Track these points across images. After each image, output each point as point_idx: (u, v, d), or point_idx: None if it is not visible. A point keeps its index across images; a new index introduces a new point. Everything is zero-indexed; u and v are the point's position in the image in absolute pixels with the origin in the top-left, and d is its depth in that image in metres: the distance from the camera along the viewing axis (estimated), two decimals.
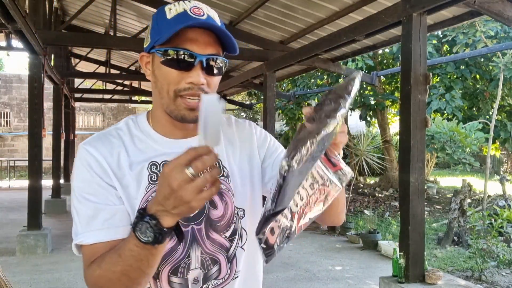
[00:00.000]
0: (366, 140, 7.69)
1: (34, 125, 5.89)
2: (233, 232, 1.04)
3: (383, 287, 3.90)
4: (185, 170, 0.74)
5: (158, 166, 1.00)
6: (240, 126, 1.16)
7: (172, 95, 0.96)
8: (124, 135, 1.02)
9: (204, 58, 0.94)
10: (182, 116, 0.97)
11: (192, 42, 0.94)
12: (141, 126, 1.04)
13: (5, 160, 14.82)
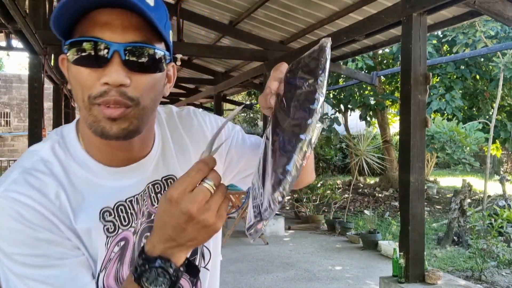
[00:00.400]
0: (366, 140, 7.69)
1: (34, 125, 5.89)
2: (193, 252, 0.88)
3: (383, 287, 3.90)
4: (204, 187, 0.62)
5: (113, 212, 0.78)
6: (187, 122, 0.93)
7: (87, 104, 0.71)
8: (55, 168, 0.76)
9: (121, 47, 0.69)
10: (101, 130, 0.71)
11: (103, 27, 0.69)
12: (73, 152, 0.78)
13: (5, 160, 14.82)
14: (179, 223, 0.62)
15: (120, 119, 0.71)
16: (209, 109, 15.05)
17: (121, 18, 0.69)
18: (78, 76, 0.71)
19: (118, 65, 0.69)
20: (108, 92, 0.69)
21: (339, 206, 8.61)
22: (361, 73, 7.80)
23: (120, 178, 0.80)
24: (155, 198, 0.84)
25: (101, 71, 0.69)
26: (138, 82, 0.71)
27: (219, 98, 10.37)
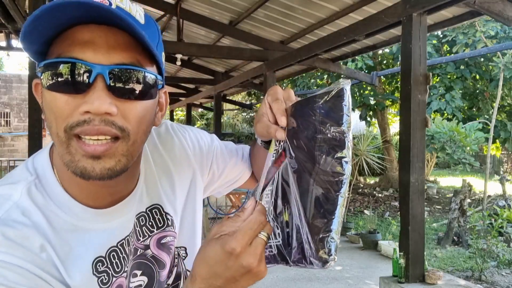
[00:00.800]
0: (366, 140, 7.69)
1: (34, 125, 5.88)
2: (177, 277, 0.83)
3: (383, 287, 3.90)
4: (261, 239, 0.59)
5: (105, 261, 0.69)
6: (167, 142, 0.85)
7: (63, 138, 0.60)
8: (34, 217, 0.64)
9: (106, 70, 0.58)
10: (81, 171, 0.60)
11: (84, 46, 0.58)
12: (52, 193, 0.67)
13: (5, 160, 14.82)
14: (234, 276, 0.58)
15: (105, 157, 0.60)
16: (209, 109, 15.05)
17: (105, 36, 0.59)
18: (52, 104, 0.59)
19: (101, 91, 0.58)
20: (90, 121, 0.58)
21: None
22: (361, 73, 7.80)
23: (108, 219, 0.70)
24: (140, 232, 0.76)
25: (80, 98, 0.58)
26: (126, 111, 0.61)
27: (219, 98, 10.37)
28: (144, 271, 0.76)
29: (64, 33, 0.59)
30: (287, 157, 0.68)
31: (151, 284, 0.77)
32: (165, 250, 0.79)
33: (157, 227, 0.79)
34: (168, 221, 0.80)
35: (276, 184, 0.69)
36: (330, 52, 5.99)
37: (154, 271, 0.77)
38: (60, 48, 0.59)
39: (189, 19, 6.55)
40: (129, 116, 0.61)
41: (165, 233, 0.80)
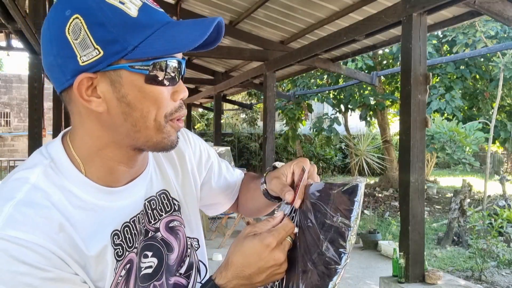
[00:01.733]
0: (366, 140, 7.70)
1: (34, 125, 5.89)
2: (189, 267, 0.88)
3: (383, 287, 3.90)
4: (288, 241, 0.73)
5: (121, 234, 0.75)
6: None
7: (162, 122, 0.71)
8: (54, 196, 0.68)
9: (184, 63, 0.73)
10: (171, 143, 0.73)
11: None
12: (69, 175, 0.72)
13: (5, 160, 14.82)
14: (264, 267, 0.69)
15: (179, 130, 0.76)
16: (209, 109, 15.05)
17: None
18: (157, 96, 0.69)
19: (181, 80, 0.73)
20: (182, 106, 0.73)
21: None
22: (361, 73, 7.79)
23: (121, 198, 0.76)
24: (152, 215, 0.82)
25: (171, 88, 0.71)
26: None
27: (219, 98, 10.37)
28: (154, 253, 0.81)
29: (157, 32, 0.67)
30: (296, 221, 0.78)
31: (161, 265, 0.81)
32: (173, 234, 0.85)
33: (165, 211, 0.85)
34: (175, 206, 0.87)
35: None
36: (330, 52, 5.99)
37: (163, 253, 0.82)
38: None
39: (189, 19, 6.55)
40: None
41: (172, 217, 0.86)
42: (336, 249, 0.70)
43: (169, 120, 0.71)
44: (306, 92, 10.96)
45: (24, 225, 0.63)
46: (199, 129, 18.12)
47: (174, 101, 0.71)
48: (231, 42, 7.47)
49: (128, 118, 0.69)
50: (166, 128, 0.71)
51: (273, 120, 6.78)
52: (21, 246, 0.61)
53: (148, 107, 0.69)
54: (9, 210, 0.63)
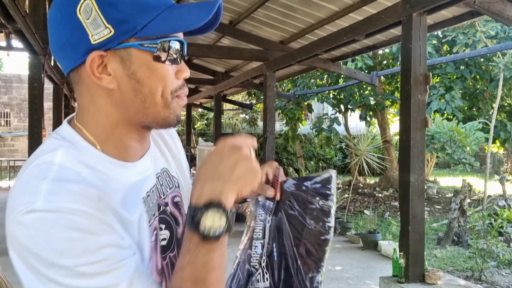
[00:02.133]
0: (366, 140, 7.69)
1: (34, 125, 5.89)
2: None
3: (383, 287, 3.90)
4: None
5: (146, 203, 0.79)
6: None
7: (169, 98, 0.76)
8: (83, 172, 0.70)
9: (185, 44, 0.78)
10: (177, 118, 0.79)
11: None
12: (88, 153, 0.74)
13: (5, 160, 14.83)
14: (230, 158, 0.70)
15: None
16: (209, 109, 15.06)
17: None
18: (163, 74, 0.74)
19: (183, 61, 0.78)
20: (184, 84, 0.79)
21: (339, 206, 8.60)
22: (361, 73, 7.79)
23: (139, 172, 0.80)
24: (161, 190, 0.86)
25: (175, 67, 0.76)
26: None
27: (219, 98, 10.37)
28: (167, 226, 0.85)
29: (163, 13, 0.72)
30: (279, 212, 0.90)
31: (172, 238, 0.85)
32: (177, 208, 0.89)
33: (169, 187, 0.89)
34: (175, 183, 0.92)
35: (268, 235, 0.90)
36: (330, 52, 5.99)
37: (173, 226, 0.86)
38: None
39: None
40: None
41: (175, 193, 0.90)
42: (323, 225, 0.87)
43: (175, 97, 0.76)
44: (306, 92, 10.96)
45: (66, 196, 0.65)
46: (199, 128, 18.11)
47: (178, 80, 0.77)
48: (231, 42, 7.47)
49: (138, 94, 0.73)
50: (173, 104, 0.76)
51: (273, 120, 6.78)
52: (69, 213, 0.63)
53: (156, 83, 0.74)
54: (47, 186, 0.65)
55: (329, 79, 10.95)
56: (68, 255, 0.62)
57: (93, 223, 0.64)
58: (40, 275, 0.63)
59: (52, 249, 0.62)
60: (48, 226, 0.62)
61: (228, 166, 0.69)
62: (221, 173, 0.69)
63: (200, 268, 0.68)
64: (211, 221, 0.67)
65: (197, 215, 0.67)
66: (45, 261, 0.62)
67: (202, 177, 0.70)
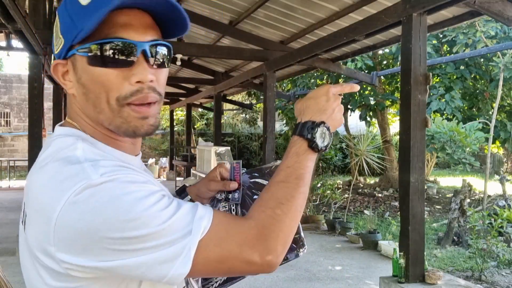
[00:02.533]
0: (366, 140, 7.69)
1: (34, 125, 5.89)
2: None
3: (383, 287, 3.90)
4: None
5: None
6: None
7: (115, 106, 0.72)
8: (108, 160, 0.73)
9: (147, 46, 0.72)
10: (134, 129, 0.74)
11: (126, 28, 0.71)
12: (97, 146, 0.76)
13: (5, 160, 14.82)
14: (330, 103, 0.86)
15: (150, 117, 0.75)
16: (209, 109, 15.05)
17: (138, 18, 0.72)
18: (103, 79, 0.71)
19: (145, 63, 0.72)
20: (141, 90, 0.72)
21: (339, 206, 8.61)
22: (361, 73, 7.79)
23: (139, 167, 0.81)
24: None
25: (128, 71, 0.71)
26: (159, 78, 0.75)
27: (219, 98, 10.37)
28: None
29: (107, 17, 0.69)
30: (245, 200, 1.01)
31: None
32: None
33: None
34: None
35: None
36: (330, 52, 5.99)
37: None
38: (102, 30, 0.70)
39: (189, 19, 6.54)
40: (161, 82, 0.76)
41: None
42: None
43: (125, 104, 0.72)
44: (306, 92, 10.95)
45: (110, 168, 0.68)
46: (199, 128, 18.10)
47: (131, 84, 0.72)
48: (231, 42, 7.47)
49: (88, 99, 0.74)
50: (123, 112, 0.72)
51: (273, 120, 6.78)
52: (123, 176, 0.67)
53: (98, 89, 0.72)
54: (89, 165, 0.67)
55: (329, 79, 10.94)
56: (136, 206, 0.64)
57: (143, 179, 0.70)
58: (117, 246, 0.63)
59: (121, 209, 0.63)
60: (110, 193, 0.64)
61: (332, 108, 0.86)
62: (328, 110, 0.86)
63: (303, 168, 0.81)
64: (321, 134, 0.83)
65: (314, 128, 0.83)
66: (118, 223, 0.63)
67: (314, 106, 0.86)
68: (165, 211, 0.66)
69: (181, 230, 0.66)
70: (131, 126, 0.73)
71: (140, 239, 0.64)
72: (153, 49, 0.73)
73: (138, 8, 0.72)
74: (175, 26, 0.77)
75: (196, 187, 1.08)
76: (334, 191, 8.58)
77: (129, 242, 0.63)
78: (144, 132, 0.75)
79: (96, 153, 0.72)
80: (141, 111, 0.73)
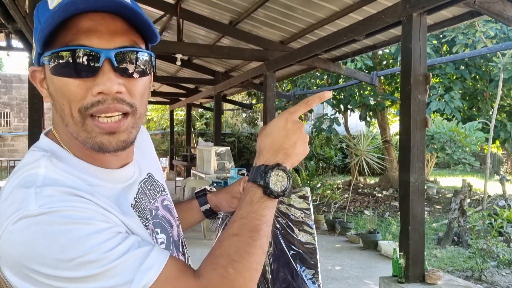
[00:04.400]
0: (366, 140, 7.69)
1: (34, 125, 5.89)
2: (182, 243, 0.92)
3: (383, 287, 3.90)
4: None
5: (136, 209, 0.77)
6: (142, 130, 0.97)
7: (78, 118, 0.67)
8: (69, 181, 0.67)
9: (112, 54, 0.65)
10: (99, 145, 0.68)
11: (89, 34, 0.65)
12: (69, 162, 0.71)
13: (5, 160, 14.82)
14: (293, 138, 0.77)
15: (119, 132, 0.68)
16: (209, 109, 15.05)
17: (106, 23, 0.66)
18: (64, 89, 0.66)
19: (110, 73, 0.66)
20: (104, 101, 0.66)
21: (339, 206, 8.61)
22: (361, 73, 7.79)
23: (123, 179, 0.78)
24: (150, 194, 0.86)
25: (91, 81, 0.66)
26: (131, 89, 0.69)
27: (219, 98, 10.37)
28: (162, 230, 0.84)
29: (66, 23, 0.64)
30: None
31: (169, 241, 0.84)
32: (168, 211, 0.89)
33: (157, 191, 0.90)
34: (161, 187, 0.92)
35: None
36: (330, 52, 5.99)
37: (167, 229, 0.85)
38: (65, 37, 0.65)
39: (189, 19, 6.55)
40: (134, 93, 0.69)
41: (163, 196, 0.91)
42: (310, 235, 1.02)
43: (88, 116, 0.67)
44: (306, 92, 10.96)
45: (56, 197, 0.62)
46: (198, 128, 18.10)
47: (93, 95, 0.66)
48: (231, 42, 7.47)
49: (56, 110, 0.70)
50: (87, 126, 0.67)
51: None
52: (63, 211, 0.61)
53: (61, 99, 0.68)
54: (35, 191, 0.62)
55: (329, 79, 10.94)
56: (73, 246, 0.59)
57: (89, 214, 0.63)
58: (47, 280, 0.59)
59: (54, 246, 0.59)
60: (45, 227, 0.59)
61: (291, 142, 0.77)
62: (286, 147, 0.77)
63: (259, 218, 0.73)
64: (276, 179, 0.75)
65: (267, 172, 0.75)
66: (50, 261, 0.59)
67: (270, 146, 0.77)
68: (107, 254, 0.60)
69: (122, 276, 0.60)
70: (96, 142, 0.68)
71: (72, 281, 0.59)
72: (121, 57, 0.66)
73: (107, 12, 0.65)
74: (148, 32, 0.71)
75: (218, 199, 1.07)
76: (334, 191, 8.59)
77: (60, 280, 0.59)
78: (113, 149, 0.69)
79: (60, 172, 0.67)
80: (104, 126, 0.67)
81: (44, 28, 0.63)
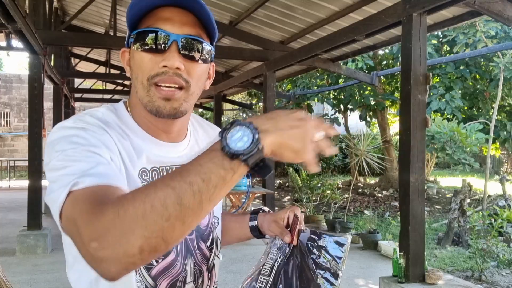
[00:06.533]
0: (366, 140, 7.69)
1: (34, 125, 5.89)
2: (212, 241, 0.98)
3: (383, 287, 3.90)
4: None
5: (148, 174, 0.88)
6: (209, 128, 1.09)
7: (146, 84, 0.84)
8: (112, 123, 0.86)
9: (179, 38, 0.83)
10: (156, 108, 0.84)
11: (165, 21, 0.83)
12: (125, 120, 0.90)
13: (5, 160, 14.82)
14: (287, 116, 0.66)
15: (173, 100, 0.84)
16: (209, 109, 15.05)
17: (180, 16, 0.84)
18: (140, 61, 0.85)
19: (175, 52, 0.82)
20: (166, 73, 0.83)
21: (339, 206, 8.61)
22: (361, 73, 7.79)
23: (160, 149, 0.91)
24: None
25: (160, 56, 0.83)
26: (189, 69, 0.85)
27: (219, 98, 10.37)
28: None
29: (151, 12, 0.84)
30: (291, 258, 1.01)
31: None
32: None
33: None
34: None
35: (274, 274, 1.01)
36: (330, 52, 5.99)
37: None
38: (148, 22, 0.84)
39: None
40: (191, 73, 0.85)
41: None
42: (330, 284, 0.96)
43: (153, 84, 0.83)
44: (306, 92, 10.96)
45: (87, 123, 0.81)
46: None
47: (159, 67, 0.83)
48: (231, 42, 7.47)
49: (132, 79, 0.88)
50: (151, 91, 0.84)
51: None
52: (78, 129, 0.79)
53: (137, 70, 0.86)
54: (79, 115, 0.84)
55: (329, 79, 10.94)
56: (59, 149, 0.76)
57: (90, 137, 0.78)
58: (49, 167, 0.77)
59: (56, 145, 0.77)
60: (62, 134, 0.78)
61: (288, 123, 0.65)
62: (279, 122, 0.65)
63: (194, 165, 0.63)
64: (239, 136, 0.62)
65: (233, 124, 0.64)
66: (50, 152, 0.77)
67: (264, 116, 0.67)
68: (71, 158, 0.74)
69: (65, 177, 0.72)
70: (154, 106, 0.84)
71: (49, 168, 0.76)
72: (187, 42, 0.83)
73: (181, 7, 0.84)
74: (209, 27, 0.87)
75: (263, 219, 1.11)
76: (334, 191, 8.59)
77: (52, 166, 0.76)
78: (166, 113, 0.84)
79: (111, 118, 0.87)
80: (162, 92, 0.83)
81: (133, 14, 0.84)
